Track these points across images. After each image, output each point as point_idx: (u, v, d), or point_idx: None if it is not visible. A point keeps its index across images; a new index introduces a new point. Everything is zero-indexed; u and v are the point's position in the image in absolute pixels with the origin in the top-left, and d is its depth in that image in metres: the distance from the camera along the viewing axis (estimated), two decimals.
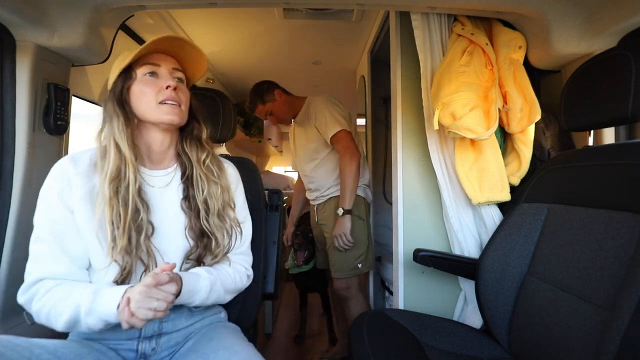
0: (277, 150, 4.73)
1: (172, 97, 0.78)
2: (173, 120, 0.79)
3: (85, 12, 1.01)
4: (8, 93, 0.97)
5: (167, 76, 0.80)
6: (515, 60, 1.12)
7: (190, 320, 0.85)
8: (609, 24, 0.97)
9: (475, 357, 0.93)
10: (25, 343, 0.61)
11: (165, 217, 0.82)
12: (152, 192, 0.82)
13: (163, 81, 0.79)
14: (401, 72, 1.29)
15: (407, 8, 1.16)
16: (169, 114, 0.78)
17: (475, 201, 1.11)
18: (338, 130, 1.62)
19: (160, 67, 0.80)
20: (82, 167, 0.77)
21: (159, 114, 0.78)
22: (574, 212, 0.83)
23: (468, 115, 1.01)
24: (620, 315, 0.60)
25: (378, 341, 0.90)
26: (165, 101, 0.78)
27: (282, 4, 1.15)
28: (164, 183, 0.85)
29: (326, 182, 1.76)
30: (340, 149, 1.64)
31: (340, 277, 1.69)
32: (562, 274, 0.81)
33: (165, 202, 0.83)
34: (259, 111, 1.84)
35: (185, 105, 0.83)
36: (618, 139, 1.07)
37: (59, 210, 0.74)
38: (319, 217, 1.83)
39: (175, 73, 0.82)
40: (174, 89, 0.79)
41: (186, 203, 0.85)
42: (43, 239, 0.73)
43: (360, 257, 1.68)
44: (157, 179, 0.84)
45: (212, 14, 1.78)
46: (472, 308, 1.20)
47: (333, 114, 1.66)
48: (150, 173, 0.84)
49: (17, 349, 0.59)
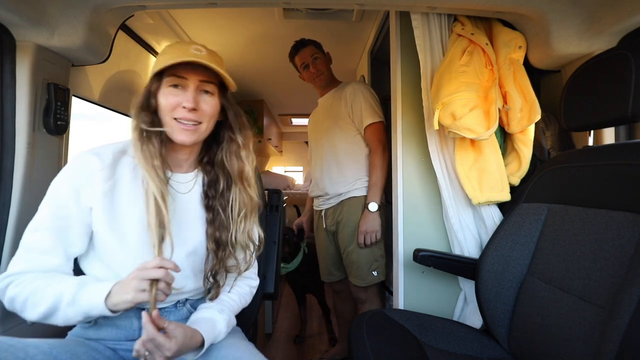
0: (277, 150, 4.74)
1: (188, 117, 0.75)
2: (184, 142, 0.76)
3: (85, 12, 1.01)
4: (8, 93, 0.97)
5: (192, 91, 0.75)
6: (515, 60, 1.12)
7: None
8: (609, 24, 0.97)
9: (475, 357, 0.93)
10: (20, 344, 0.60)
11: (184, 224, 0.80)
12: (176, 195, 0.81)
13: (184, 97, 0.74)
14: (401, 72, 1.29)
15: (407, 8, 1.16)
16: (180, 134, 0.76)
17: (475, 201, 1.11)
18: (377, 120, 1.55)
19: (186, 80, 0.75)
20: (107, 162, 0.75)
21: (172, 131, 0.76)
22: (574, 212, 0.83)
23: (468, 115, 1.01)
24: (620, 315, 0.60)
25: (378, 341, 0.90)
26: (180, 120, 0.75)
27: (282, 4, 1.15)
28: (187, 189, 0.83)
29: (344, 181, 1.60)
30: (374, 140, 1.55)
31: (359, 285, 1.59)
32: (562, 274, 0.81)
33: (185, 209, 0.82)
34: (308, 51, 1.67)
35: (209, 121, 0.78)
36: (618, 139, 1.07)
37: (71, 206, 0.72)
38: (328, 223, 1.67)
39: (203, 86, 0.77)
40: (192, 109, 0.74)
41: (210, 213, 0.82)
42: (43, 229, 0.71)
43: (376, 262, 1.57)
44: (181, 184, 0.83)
45: (212, 14, 1.78)
46: (472, 308, 1.20)
47: (372, 102, 1.56)
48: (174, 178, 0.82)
49: (11, 349, 0.58)
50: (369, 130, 1.56)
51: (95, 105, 1.45)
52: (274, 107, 4.02)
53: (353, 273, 1.60)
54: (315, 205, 1.78)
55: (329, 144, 1.65)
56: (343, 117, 1.61)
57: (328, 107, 1.69)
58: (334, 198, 1.64)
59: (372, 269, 1.56)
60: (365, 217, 1.52)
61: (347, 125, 1.61)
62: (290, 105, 3.84)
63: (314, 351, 2.03)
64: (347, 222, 1.59)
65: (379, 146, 1.54)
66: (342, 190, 1.60)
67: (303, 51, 1.67)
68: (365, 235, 1.52)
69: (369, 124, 1.55)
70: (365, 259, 1.56)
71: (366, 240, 1.52)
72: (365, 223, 1.52)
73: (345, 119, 1.61)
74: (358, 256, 1.57)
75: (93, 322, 0.77)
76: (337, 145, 1.62)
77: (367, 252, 1.56)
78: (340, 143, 1.62)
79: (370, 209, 1.51)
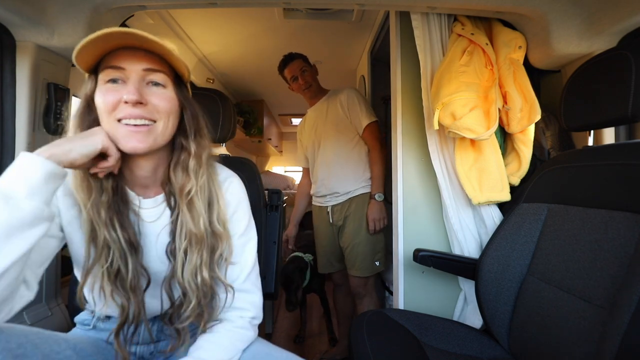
0: (277, 150, 4.74)
1: (134, 114, 0.59)
2: (136, 149, 0.60)
3: (85, 12, 1.01)
4: (8, 93, 0.98)
5: (135, 82, 0.59)
6: (515, 60, 1.12)
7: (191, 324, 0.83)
8: (609, 24, 0.97)
9: (475, 357, 0.93)
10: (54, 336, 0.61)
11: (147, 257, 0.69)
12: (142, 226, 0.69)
13: (125, 90, 0.58)
14: (401, 72, 1.29)
15: (407, 8, 1.16)
16: (129, 140, 0.59)
17: (475, 201, 1.11)
18: (373, 120, 1.70)
19: (124, 70, 0.59)
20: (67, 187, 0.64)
21: (118, 138, 0.60)
22: (574, 212, 0.83)
23: (468, 115, 1.01)
24: (620, 315, 0.60)
25: (378, 341, 0.90)
26: (124, 119, 0.59)
27: (282, 4, 1.15)
28: (155, 216, 0.69)
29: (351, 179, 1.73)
30: (372, 139, 1.70)
31: (361, 276, 1.70)
32: (562, 274, 0.81)
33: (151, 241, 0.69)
34: (297, 64, 1.78)
35: (166, 118, 0.63)
36: (618, 139, 1.07)
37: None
38: (336, 218, 1.77)
39: (149, 75, 0.61)
40: (137, 103, 0.59)
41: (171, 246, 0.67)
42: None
43: (378, 253, 1.71)
44: (146, 211, 0.69)
45: (212, 14, 1.78)
46: (472, 308, 1.20)
47: (366, 105, 1.73)
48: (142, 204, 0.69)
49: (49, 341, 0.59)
50: (367, 130, 1.70)
51: None
52: (274, 107, 4.02)
53: (357, 265, 1.70)
54: (319, 202, 1.88)
55: (332, 147, 1.77)
56: (342, 121, 1.75)
57: (325, 113, 1.81)
58: (342, 195, 1.75)
59: (376, 259, 1.70)
60: (373, 206, 1.67)
61: (347, 129, 1.74)
62: (290, 105, 3.84)
63: (314, 351, 2.02)
64: (354, 217, 1.72)
65: (377, 144, 1.70)
66: (351, 188, 1.73)
67: (292, 64, 1.78)
68: (375, 222, 1.66)
69: (368, 124, 1.69)
70: (370, 249, 1.69)
71: (377, 226, 1.66)
72: (373, 212, 1.66)
73: (344, 123, 1.74)
74: (364, 248, 1.69)
75: (92, 326, 0.76)
76: (341, 147, 1.75)
77: (372, 242, 1.70)
78: (344, 145, 1.75)
79: (377, 199, 1.66)
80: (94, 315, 0.77)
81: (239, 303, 0.73)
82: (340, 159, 1.74)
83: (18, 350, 0.52)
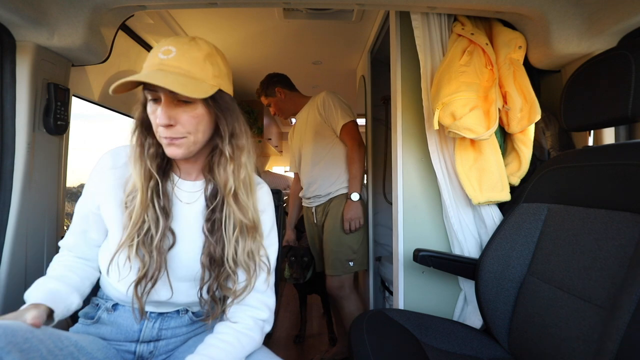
0: (277, 150, 4.74)
1: (164, 134, 0.69)
2: (174, 155, 0.72)
3: (85, 12, 1.01)
4: (8, 93, 0.98)
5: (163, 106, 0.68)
6: (515, 60, 1.12)
7: (191, 327, 0.84)
8: (609, 24, 0.97)
9: (475, 357, 0.93)
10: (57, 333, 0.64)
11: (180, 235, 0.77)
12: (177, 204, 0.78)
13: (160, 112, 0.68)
14: (401, 72, 1.29)
15: (407, 8, 1.16)
16: (168, 149, 0.71)
17: (475, 201, 1.11)
18: (349, 120, 1.72)
19: (157, 92, 0.68)
20: (119, 162, 0.77)
21: (163, 145, 0.72)
22: (574, 212, 0.83)
23: (468, 115, 1.01)
24: (620, 315, 0.60)
25: (378, 341, 0.90)
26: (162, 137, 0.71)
27: (282, 4, 1.15)
28: (192, 199, 0.79)
29: (331, 181, 1.79)
30: (349, 138, 1.72)
31: (334, 275, 1.73)
32: (562, 274, 0.81)
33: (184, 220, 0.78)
34: (262, 100, 1.97)
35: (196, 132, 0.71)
36: (618, 139, 1.07)
37: (89, 209, 0.78)
38: (319, 218, 1.86)
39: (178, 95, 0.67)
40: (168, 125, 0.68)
41: (208, 226, 0.76)
42: (70, 231, 0.81)
43: (354, 253, 1.72)
44: (185, 193, 0.79)
45: (212, 14, 1.78)
46: (472, 308, 1.20)
47: (342, 106, 1.76)
48: (179, 185, 0.79)
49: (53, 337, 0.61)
50: (344, 130, 1.74)
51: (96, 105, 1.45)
52: None
53: (330, 264, 1.74)
54: (306, 204, 1.95)
55: (312, 151, 1.84)
56: (320, 124, 1.81)
57: (306, 119, 1.88)
58: (324, 197, 1.83)
59: (350, 259, 1.73)
60: (349, 206, 1.69)
61: (325, 132, 1.80)
62: None
63: (314, 351, 2.02)
64: (331, 216, 1.79)
65: (354, 143, 1.72)
66: (331, 189, 1.80)
67: (260, 99, 1.98)
68: (350, 221, 1.68)
69: (344, 124, 1.73)
70: (344, 249, 1.72)
71: (351, 226, 1.69)
72: (349, 211, 1.69)
73: (322, 126, 1.80)
74: (338, 247, 1.73)
75: (95, 319, 0.78)
76: (321, 151, 1.81)
77: (347, 242, 1.72)
78: (322, 148, 1.81)
79: (353, 199, 1.68)
80: (99, 307, 0.80)
81: (252, 301, 0.79)
82: (319, 161, 1.81)
83: (24, 345, 0.54)
